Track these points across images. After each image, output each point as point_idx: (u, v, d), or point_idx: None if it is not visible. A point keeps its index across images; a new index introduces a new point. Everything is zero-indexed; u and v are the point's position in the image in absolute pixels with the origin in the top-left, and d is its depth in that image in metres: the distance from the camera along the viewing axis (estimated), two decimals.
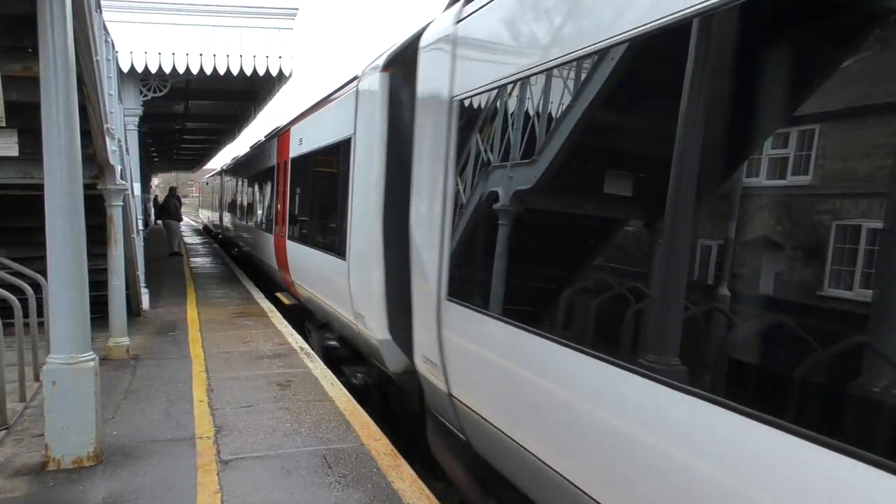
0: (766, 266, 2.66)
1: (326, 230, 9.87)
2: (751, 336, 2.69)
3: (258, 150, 19.45)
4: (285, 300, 14.21)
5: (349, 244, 8.17)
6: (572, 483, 3.63)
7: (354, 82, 8.32)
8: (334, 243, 9.12)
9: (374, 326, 7.26)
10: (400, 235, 6.41)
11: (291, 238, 12.47)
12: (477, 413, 4.86)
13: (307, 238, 11.28)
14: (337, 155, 9.05)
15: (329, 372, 8.66)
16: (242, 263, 22.27)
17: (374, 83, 7.33)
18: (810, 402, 2.40)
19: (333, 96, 9.79)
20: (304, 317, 12.26)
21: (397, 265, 6.68)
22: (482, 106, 4.80)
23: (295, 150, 12.71)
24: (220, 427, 6.61)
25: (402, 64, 6.87)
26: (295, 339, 10.64)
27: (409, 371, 6.62)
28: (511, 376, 4.28)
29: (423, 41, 5.93)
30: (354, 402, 7.44)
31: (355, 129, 8.10)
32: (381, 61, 7.25)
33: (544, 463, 3.92)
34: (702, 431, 2.71)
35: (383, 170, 7.07)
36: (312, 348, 10.31)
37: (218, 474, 5.49)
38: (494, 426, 4.58)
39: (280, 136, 14.76)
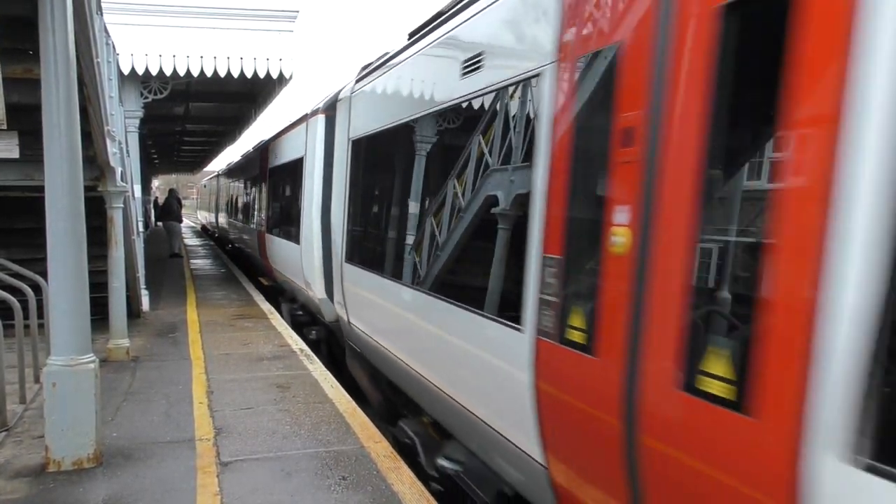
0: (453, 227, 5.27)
1: (290, 224, 12.70)
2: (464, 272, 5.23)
3: (246, 159, 23.16)
4: (265, 282, 17.84)
5: (301, 233, 11.05)
6: (410, 367, 6.06)
7: (305, 118, 11.55)
8: (293, 233, 12.10)
9: (316, 290, 10.18)
10: (329, 226, 9.68)
11: (269, 232, 15.60)
12: (362, 331, 7.79)
13: (279, 231, 14.33)
14: (295, 169, 12.09)
15: (329, 374, 8.66)
16: (236, 259, 24.44)
17: (317, 122, 10.52)
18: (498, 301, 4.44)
19: (294, 126, 12.87)
20: (277, 294, 15.47)
21: (328, 247, 9.77)
22: (362, 144, 7.88)
23: (271, 163, 16.04)
24: (219, 429, 6.61)
25: (334, 109, 9.72)
26: (295, 340, 10.64)
27: (336, 320, 9.49)
28: (371, 304, 7.30)
29: (340, 97, 9.17)
30: (354, 404, 7.44)
31: (305, 152, 11.24)
32: (321, 106, 10.49)
33: (397, 357, 6.43)
34: (456, 322, 4.97)
35: (321, 181, 10.12)
36: (283, 317, 13.24)
37: (218, 476, 5.49)
38: (371, 338, 7.34)
39: (262, 149, 18.35)
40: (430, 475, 5.88)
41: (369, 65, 8.32)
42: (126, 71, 12.35)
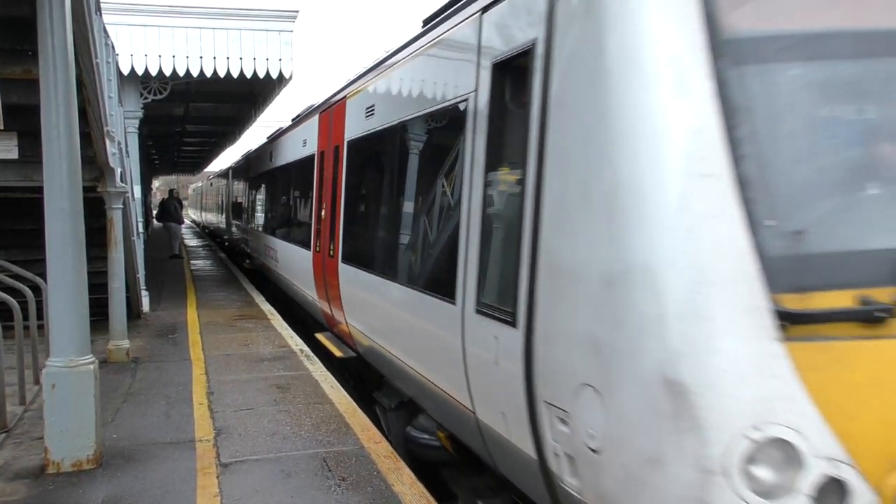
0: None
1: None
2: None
3: (225, 173, 27.16)
4: (249, 266, 19.65)
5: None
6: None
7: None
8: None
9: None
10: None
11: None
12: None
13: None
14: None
15: (329, 375, 8.65)
16: (227, 253, 26.17)
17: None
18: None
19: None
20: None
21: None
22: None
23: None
24: (219, 430, 6.60)
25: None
26: (295, 341, 10.63)
27: None
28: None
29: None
30: (354, 404, 7.43)
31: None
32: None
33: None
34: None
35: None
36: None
37: (218, 477, 5.48)
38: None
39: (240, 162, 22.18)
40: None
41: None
42: (125, 71, 12.34)
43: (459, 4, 5.33)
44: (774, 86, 3.23)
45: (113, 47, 10.33)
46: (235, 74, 12.91)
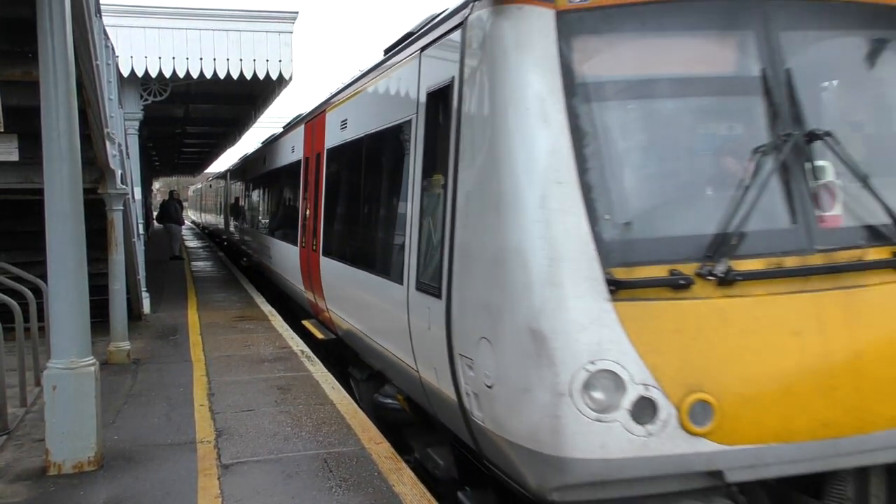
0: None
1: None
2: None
3: (221, 177, 29.21)
4: (246, 264, 20.56)
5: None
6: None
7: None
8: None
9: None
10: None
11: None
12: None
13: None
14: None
15: (330, 375, 8.65)
16: (225, 253, 27.40)
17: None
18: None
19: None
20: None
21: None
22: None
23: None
24: (220, 431, 6.60)
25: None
26: (296, 342, 10.63)
27: None
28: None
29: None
30: (355, 405, 7.43)
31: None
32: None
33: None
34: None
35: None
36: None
37: (219, 478, 5.49)
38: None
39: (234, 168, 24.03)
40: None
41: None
42: (126, 73, 12.35)
43: (408, 41, 6.51)
44: (611, 117, 4.41)
45: (113, 49, 10.35)
46: (235, 76, 12.92)
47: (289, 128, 13.90)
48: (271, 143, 16.09)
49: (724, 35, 4.63)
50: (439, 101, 5.38)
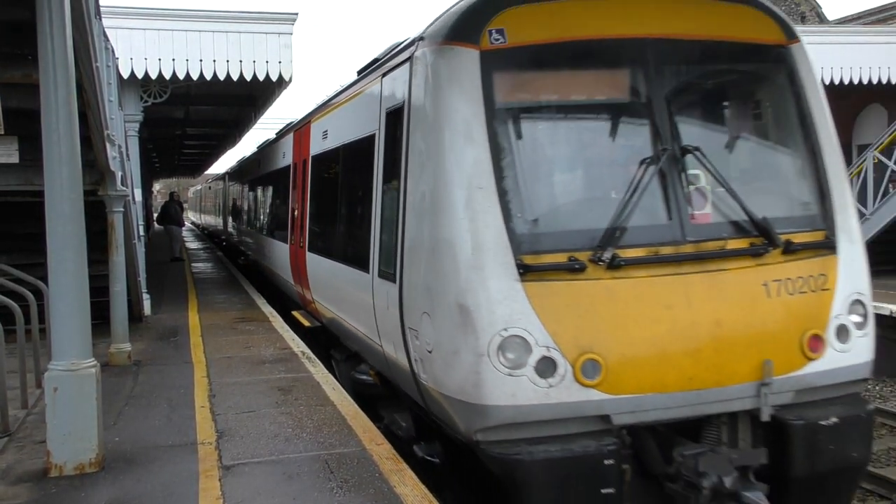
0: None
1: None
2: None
3: (220, 178, 31.10)
4: (244, 262, 21.36)
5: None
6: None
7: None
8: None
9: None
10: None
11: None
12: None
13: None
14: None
15: (330, 377, 8.66)
16: (224, 252, 28.25)
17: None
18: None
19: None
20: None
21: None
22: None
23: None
24: (221, 432, 6.60)
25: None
26: (296, 343, 10.62)
27: None
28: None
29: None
30: (356, 406, 7.43)
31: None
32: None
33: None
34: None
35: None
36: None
37: (220, 480, 5.49)
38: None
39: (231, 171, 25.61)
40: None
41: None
42: (125, 75, 12.35)
43: (375, 66, 7.54)
44: (522, 135, 5.51)
45: (113, 51, 10.35)
46: (235, 77, 12.90)
47: (281, 135, 14.95)
48: (265, 149, 17.22)
49: (614, 69, 5.74)
50: (395, 120, 6.33)
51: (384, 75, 6.83)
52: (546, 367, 4.90)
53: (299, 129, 12.14)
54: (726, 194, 5.43)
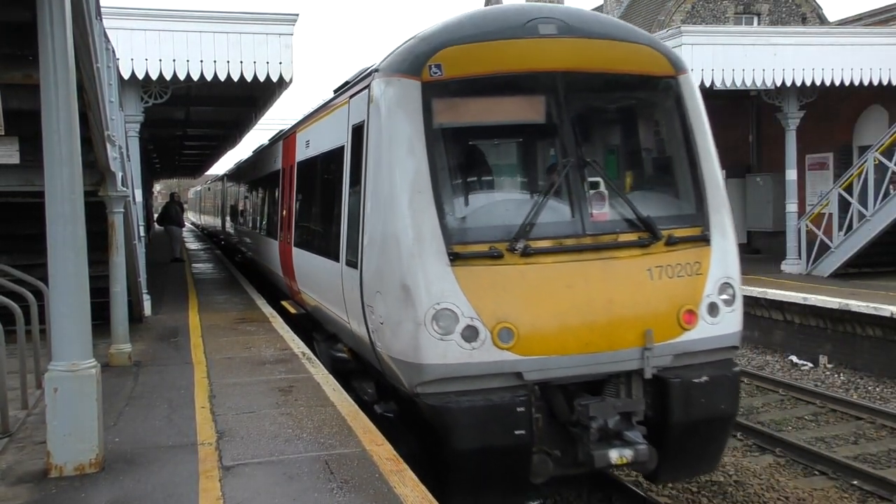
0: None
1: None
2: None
3: (219, 181, 33.10)
4: (240, 260, 22.76)
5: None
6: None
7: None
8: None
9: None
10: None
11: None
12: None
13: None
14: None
15: (331, 377, 8.65)
16: (222, 251, 29.22)
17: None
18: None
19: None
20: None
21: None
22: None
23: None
24: (222, 433, 6.60)
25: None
26: (297, 344, 10.62)
27: None
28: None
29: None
30: (356, 407, 7.43)
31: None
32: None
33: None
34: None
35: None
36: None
37: (220, 480, 5.49)
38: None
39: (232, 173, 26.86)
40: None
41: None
42: (126, 75, 12.34)
43: (346, 87, 8.84)
44: (454, 149, 6.76)
45: (113, 51, 10.34)
46: (236, 78, 12.88)
47: (273, 141, 16.66)
48: (260, 153, 18.89)
49: (529, 96, 6.99)
50: (358, 135, 7.52)
51: (351, 97, 8.12)
52: (470, 334, 6.13)
53: (287, 138, 13.73)
54: (619, 197, 6.73)
